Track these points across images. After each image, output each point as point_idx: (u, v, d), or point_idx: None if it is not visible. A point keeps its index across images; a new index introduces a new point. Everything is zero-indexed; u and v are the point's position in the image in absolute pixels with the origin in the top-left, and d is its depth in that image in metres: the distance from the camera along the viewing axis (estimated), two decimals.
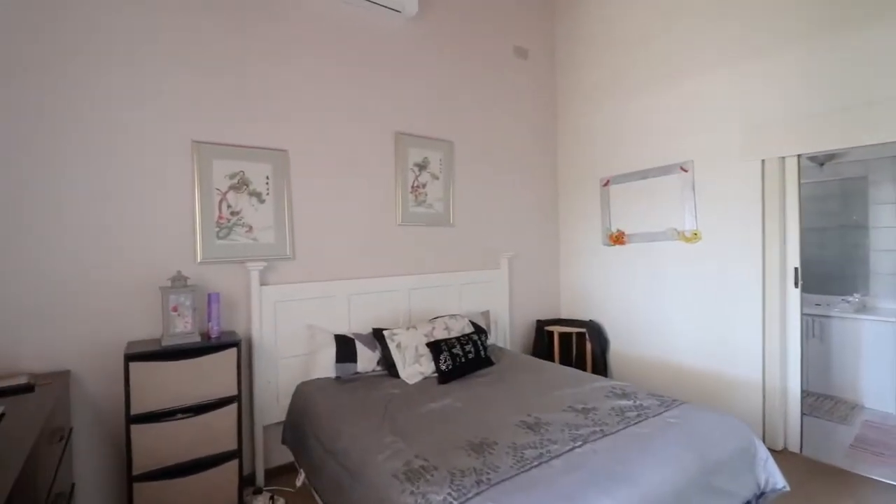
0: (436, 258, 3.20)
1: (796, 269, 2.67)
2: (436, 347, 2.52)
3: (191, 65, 2.30)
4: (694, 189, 3.05)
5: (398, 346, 2.54)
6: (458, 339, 2.62)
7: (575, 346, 3.67)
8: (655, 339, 3.31)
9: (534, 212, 3.86)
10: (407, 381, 2.43)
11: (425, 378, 2.47)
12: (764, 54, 2.71)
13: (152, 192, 2.21)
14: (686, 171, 3.08)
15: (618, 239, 3.51)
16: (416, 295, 3.03)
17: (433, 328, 2.67)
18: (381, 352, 2.59)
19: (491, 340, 3.25)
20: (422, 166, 3.12)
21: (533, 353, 3.64)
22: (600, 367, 3.46)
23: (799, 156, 2.65)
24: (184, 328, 2.08)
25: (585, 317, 3.76)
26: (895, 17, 2.27)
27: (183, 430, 2.03)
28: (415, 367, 2.50)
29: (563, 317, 3.98)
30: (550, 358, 3.53)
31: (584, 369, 3.47)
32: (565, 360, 3.60)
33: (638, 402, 2.04)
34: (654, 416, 1.88)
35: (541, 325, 3.66)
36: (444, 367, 2.46)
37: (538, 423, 1.83)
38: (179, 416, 2.04)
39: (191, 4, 2.31)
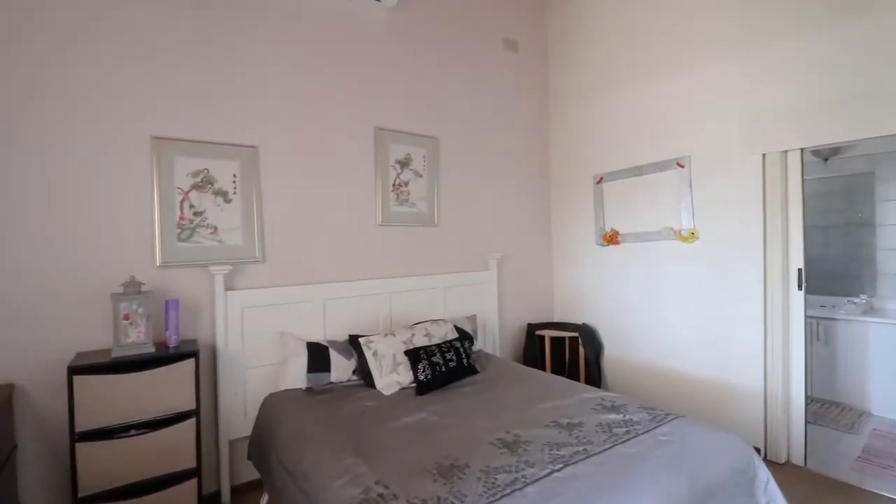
0: (419, 260, 3.04)
1: (800, 270, 2.51)
2: (414, 355, 2.36)
3: (151, 56, 2.15)
4: (691, 186, 2.88)
5: (374, 354, 2.39)
6: (438, 346, 2.46)
7: (568, 351, 3.51)
8: (651, 344, 3.14)
9: (525, 211, 3.70)
10: (383, 391, 2.27)
11: (403, 389, 2.31)
12: (764, 45, 2.55)
13: (107, 193, 2.06)
14: (682, 166, 2.92)
15: (612, 238, 3.35)
16: (397, 299, 2.87)
17: (413, 335, 2.51)
18: (357, 360, 2.43)
19: (478, 346, 3.09)
20: (404, 163, 2.96)
21: (523, 359, 3.48)
22: (594, 373, 3.30)
23: (802, 150, 2.48)
24: (136, 338, 1.93)
25: (579, 320, 3.60)
26: None
27: (137, 448, 1.88)
28: (392, 376, 2.35)
29: (556, 320, 3.82)
30: (542, 364, 3.38)
31: (578, 376, 3.32)
32: (557, 367, 3.45)
33: (628, 417, 1.88)
34: (643, 433, 1.72)
35: (532, 329, 3.50)
36: (422, 378, 2.30)
37: (517, 442, 1.68)
38: (133, 432, 1.89)
39: None
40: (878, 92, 2.16)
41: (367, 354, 2.39)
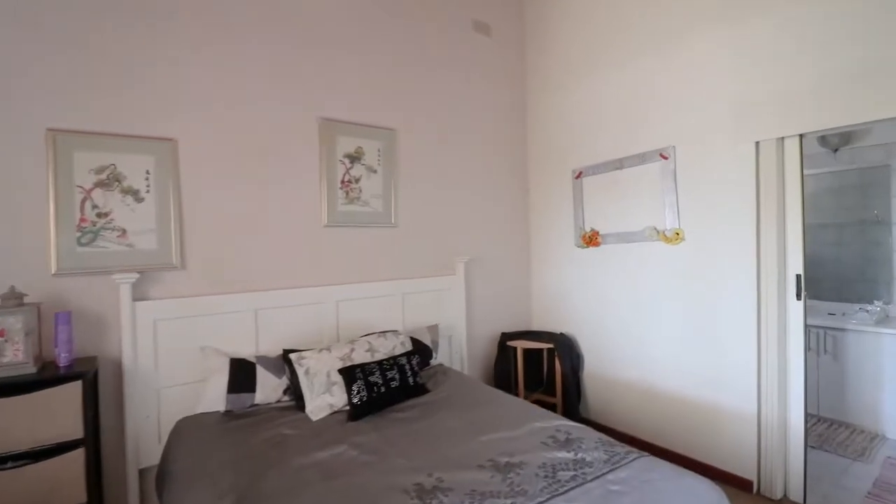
0: (374, 264, 2.76)
1: (798, 276, 2.16)
2: (349, 375, 2.08)
3: (45, 34, 1.90)
4: (675, 180, 2.55)
5: (307, 372, 2.11)
6: (379, 363, 2.17)
7: (546, 363, 3.20)
8: (634, 358, 2.81)
9: (500, 209, 3.39)
10: (311, 416, 1.99)
11: (334, 412, 2.03)
12: (758, 15, 2.20)
13: None
14: (666, 158, 2.58)
15: (591, 239, 3.03)
16: (346, 308, 2.59)
17: (352, 350, 2.23)
18: (290, 379, 2.17)
19: (440, 359, 2.80)
20: (354, 158, 2.68)
21: (494, 372, 3.17)
22: (572, 389, 2.98)
23: (801, 136, 2.14)
24: (13, 357, 1.68)
25: (559, 329, 3.28)
26: None
27: (14, 482, 1.64)
28: (324, 398, 2.07)
29: (534, 328, 3.51)
30: (514, 378, 3.07)
31: (554, 392, 3.01)
32: (533, 381, 3.14)
33: (579, 456, 1.57)
34: (592, 480, 1.41)
35: (505, 339, 3.19)
36: (356, 400, 2.02)
37: (435, 489, 1.38)
38: (10, 464, 1.65)
39: None
40: (891, 67, 1.81)
41: (299, 372, 2.12)
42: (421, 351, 2.53)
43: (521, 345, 3.05)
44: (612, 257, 2.93)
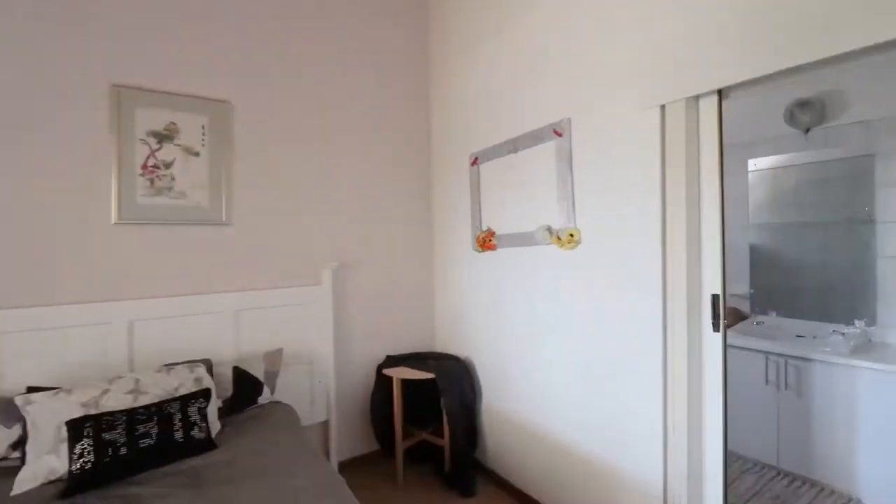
0: (192, 273, 2.16)
1: (715, 297, 1.53)
2: (76, 429, 1.49)
3: None
4: (571, 162, 1.92)
5: (34, 423, 1.54)
6: (131, 412, 1.58)
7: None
8: (529, 396, 2.19)
9: (393, 204, 2.79)
10: (17, 487, 1.42)
11: (52, 482, 1.46)
12: None
13: None
14: (560, 134, 1.96)
15: (485, 242, 2.41)
16: (145, 330, 2.01)
17: (105, 391, 1.64)
18: (22, 428, 1.59)
19: (279, 395, 2.20)
20: (164, 137, 2.09)
21: (371, 409, 2.56)
22: (460, 430, 2.34)
23: (719, 92, 1.50)
24: None
25: (462, 352, 2.67)
26: None
27: None
28: (48, 460, 1.50)
29: (437, 350, 2.89)
30: (391, 417, 2.45)
31: (442, 435, 2.40)
32: (429, 417, 2.53)
33: None
34: None
35: (382, 366, 2.57)
36: (75, 467, 1.44)
37: None
38: None
39: None
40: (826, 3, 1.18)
41: (28, 422, 1.54)
42: (242, 385, 1.94)
43: (397, 374, 2.43)
44: (505, 265, 2.31)
